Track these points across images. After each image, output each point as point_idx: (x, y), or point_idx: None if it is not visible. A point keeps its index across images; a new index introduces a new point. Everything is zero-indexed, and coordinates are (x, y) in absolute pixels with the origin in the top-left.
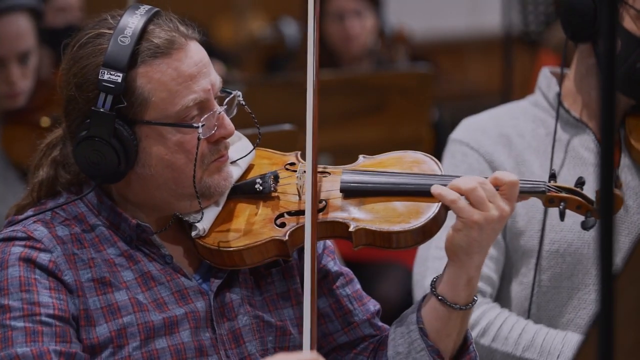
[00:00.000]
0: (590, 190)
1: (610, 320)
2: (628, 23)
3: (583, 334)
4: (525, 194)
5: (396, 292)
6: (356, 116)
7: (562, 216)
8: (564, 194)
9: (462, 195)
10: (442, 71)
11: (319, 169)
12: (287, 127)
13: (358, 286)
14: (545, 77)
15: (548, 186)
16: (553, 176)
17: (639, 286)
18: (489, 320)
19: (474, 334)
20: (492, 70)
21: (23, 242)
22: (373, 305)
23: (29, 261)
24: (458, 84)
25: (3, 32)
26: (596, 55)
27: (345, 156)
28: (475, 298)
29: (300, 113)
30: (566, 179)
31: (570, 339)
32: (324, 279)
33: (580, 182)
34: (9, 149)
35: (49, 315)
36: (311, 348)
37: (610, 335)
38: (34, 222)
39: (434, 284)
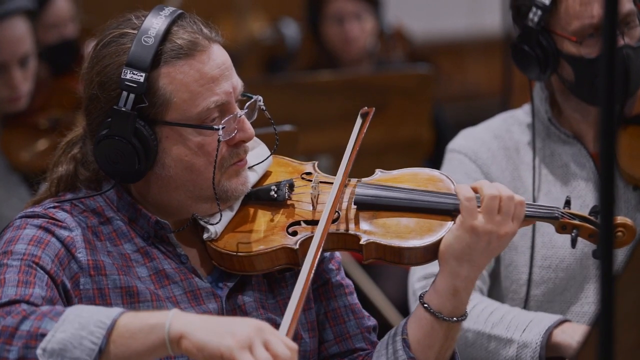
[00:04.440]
0: (585, 207)
1: (611, 322)
2: (569, 48)
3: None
4: (538, 219)
5: (397, 293)
6: (356, 117)
7: (573, 243)
8: (577, 222)
9: (480, 195)
10: (442, 72)
11: (334, 181)
12: (287, 127)
13: (357, 300)
14: (538, 89)
15: (562, 212)
16: (568, 203)
17: (639, 288)
18: None
19: None
20: (492, 71)
21: (45, 219)
22: (370, 320)
23: (47, 230)
24: (458, 85)
25: (4, 38)
26: (562, 82)
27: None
28: (465, 315)
29: (300, 114)
30: (558, 197)
31: (539, 317)
32: (324, 286)
33: (595, 211)
34: (8, 152)
35: (44, 270)
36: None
37: (610, 337)
38: (54, 207)
39: (423, 294)
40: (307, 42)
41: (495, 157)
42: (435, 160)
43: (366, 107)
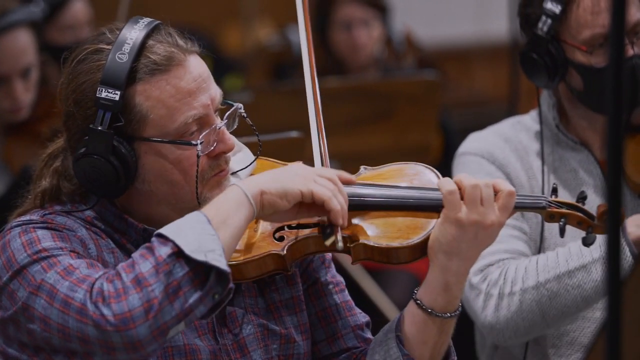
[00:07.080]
0: (592, 208)
1: (618, 328)
2: (579, 57)
3: (590, 342)
4: (526, 209)
5: (404, 299)
6: (363, 123)
7: (562, 232)
8: (564, 210)
9: (460, 188)
10: (449, 78)
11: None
12: (294, 134)
13: (348, 297)
14: (546, 96)
15: (549, 202)
16: (555, 191)
17: None
18: (525, 265)
19: (518, 286)
20: (498, 77)
21: (45, 224)
22: (362, 316)
23: (57, 229)
24: (465, 91)
25: (5, 50)
26: (570, 90)
27: (352, 163)
28: (458, 310)
29: (307, 120)
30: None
31: None
32: (313, 286)
33: (582, 197)
34: (12, 162)
35: (82, 258)
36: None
37: (617, 343)
38: (50, 213)
39: (416, 290)
40: (314, 48)
41: (509, 158)
42: (443, 166)
43: None
